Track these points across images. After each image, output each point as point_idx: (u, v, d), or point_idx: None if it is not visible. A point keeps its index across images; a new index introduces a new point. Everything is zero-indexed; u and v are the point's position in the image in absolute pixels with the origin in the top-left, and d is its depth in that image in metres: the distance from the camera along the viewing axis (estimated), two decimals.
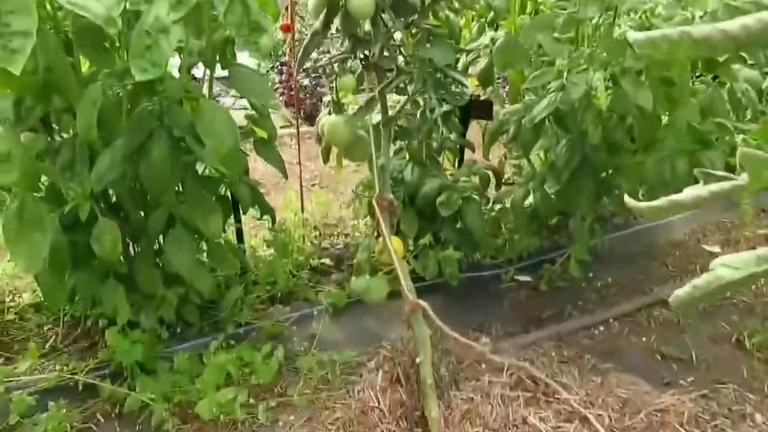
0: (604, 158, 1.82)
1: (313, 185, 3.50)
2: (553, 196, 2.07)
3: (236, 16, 1.16)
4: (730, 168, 1.72)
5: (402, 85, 1.76)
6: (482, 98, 2.37)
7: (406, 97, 1.77)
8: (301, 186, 2.49)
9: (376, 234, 1.85)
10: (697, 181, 0.73)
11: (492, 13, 2.32)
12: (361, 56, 1.74)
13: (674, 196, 0.73)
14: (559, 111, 1.75)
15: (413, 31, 1.73)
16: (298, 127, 2.64)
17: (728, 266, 0.70)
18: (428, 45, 1.70)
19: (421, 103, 1.86)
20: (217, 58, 1.51)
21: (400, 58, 1.73)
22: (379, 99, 1.71)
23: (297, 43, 4.73)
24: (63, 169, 1.50)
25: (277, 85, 4.89)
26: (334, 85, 1.81)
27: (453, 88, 1.73)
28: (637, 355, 1.87)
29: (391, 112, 1.72)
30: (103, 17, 1.06)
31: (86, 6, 1.06)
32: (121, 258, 1.72)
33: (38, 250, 1.27)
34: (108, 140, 1.43)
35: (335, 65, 1.79)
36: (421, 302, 1.57)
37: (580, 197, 2.03)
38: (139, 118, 1.34)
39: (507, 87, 2.63)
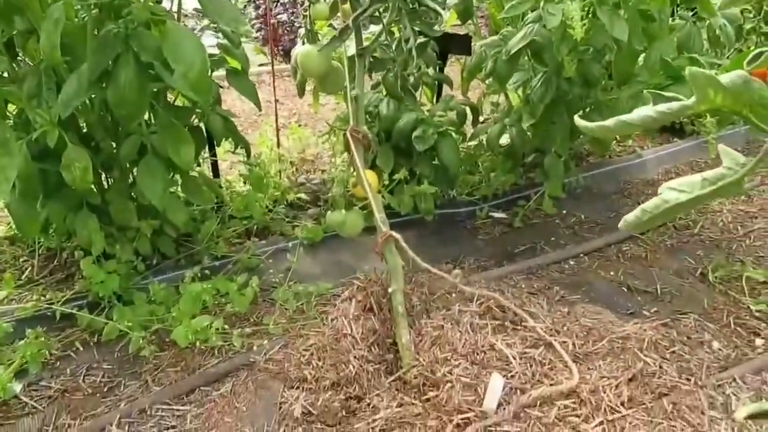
0: (579, 93, 1.82)
1: (291, 122, 3.46)
2: (528, 133, 2.08)
3: None
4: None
5: (376, 14, 1.72)
6: (461, 33, 2.33)
7: (380, 27, 1.74)
8: (276, 122, 2.47)
9: (351, 168, 1.86)
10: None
11: None
12: None
13: (623, 116, 0.73)
14: (535, 43, 1.73)
15: None
16: (273, 64, 2.59)
17: (675, 189, 0.72)
18: None
19: (397, 33, 1.83)
20: None
21: None
22: (353, 28, 1.68)
23: None
24: (30, 96, 1.47)
25: (254, 21, 4.75)
26: (307, 13, 1.77)
27: (429, 18, 1.70)
28: (605, 287, 1.93)
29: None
30: None
31: None
32: (94, 188, 1.71)
33: (6, 175, 1.26)
34: (74, 65, 1.40)
35: None
36: (394, 233, 1.60)
37: (555, 133, 2.04)
38: (104, 42, 1.30)
39: (488, 22, 2.59)
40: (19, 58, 1.57)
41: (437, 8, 1.63)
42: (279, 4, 4.56)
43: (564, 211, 2.43)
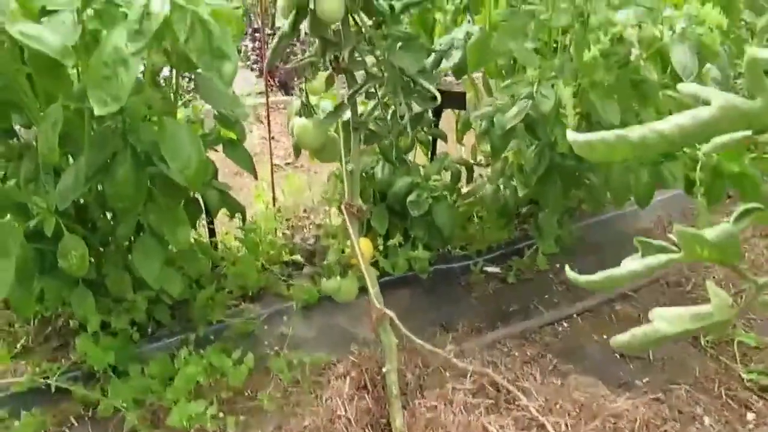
0: (573, 164, 1.84)
1: (287, 164, 3.48)
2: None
3: (198, 42, 1.13)
4: (690, 182, 1.76)
5: (372, 89, 1.74)
6: (455, 89, 2.35)
7: (375, 101, 1.76)
8: (272, 173, 2.48)
9: (345, 237, 1.87)
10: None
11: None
12: (331, 58, 1.71)
13: (611, 272, 0.74)
14: (529, 117, 1.75)
15: (384, 34, 1.70)
16: (267, 103, 2.62)
17: (665, 320, 0.74)
18: (399, 47, 1.68)
19: (391, 105, 1.85)
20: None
21: (370, 60, 1.71)
22: (349, 103, 1.70)
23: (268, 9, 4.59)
24: (27, 180, 1.48)
25: (250, 53, 4.78)
26: (303, 87, 1.79)
27: (423, 94, 1.72)
28: (598, 353, 1.95)
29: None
30: (59, 50, 1.03)
31: (41, 38, 1.03)
32: (91, 261, 1.72)
33: (4, 277, 1.26)
34: (72, 154, 1.41)
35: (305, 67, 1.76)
36: (387, 311, 1.61)
37: (548, 198, 2.06)
38: (102, 138, 1.32)
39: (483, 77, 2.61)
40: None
41: (431, 89, 1.65)
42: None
43: (557, 265, 2.44)
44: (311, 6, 1.56)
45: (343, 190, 1.77)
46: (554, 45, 1.76)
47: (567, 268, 0.84)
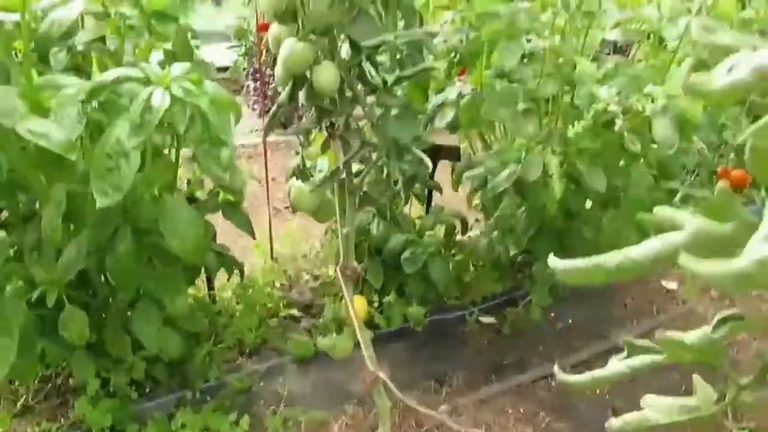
0: (563, 225, 1.89)
1: (287, 207, 3.53)
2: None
3: (197, 132, 1.18)
4: None
5: (366, 154, 1.80)
6: (450, 145, 2.41)
7: (370, 165, 1.82)
8: (270, 225, 2.53)
9: (341, 296, 1.91)
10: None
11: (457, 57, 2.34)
12: (327, 125, 1.77)
13: (597, 373, 0.78)
14: (519, 179, 1.80)
15: (378, 102, 1.76)
16: (265, 148, 2.68)
17: (656, 410, 0.77)
18: (393, 115, 1.74)
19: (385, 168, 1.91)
20: None
21: (365, 126, 1.77)
22: (344, 169, 1.75)
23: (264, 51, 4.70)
24: (30, 249, 1.53)
25: (252, 93, 4.87)
26: (300, 152, 1.84)
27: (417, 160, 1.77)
28: (591, 410, 1.97)
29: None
30: (64, 146, 1.08)
31: (46, 134, 1.08)
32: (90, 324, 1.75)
33: (5, 355, 1.30)
34: (75, 226, 1.46)
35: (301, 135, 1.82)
36: (381, 374, 1.64)
37: (541, 252, 2.10)
38: (103, 215, 1.36)
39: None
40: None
41: (424, 157, 1.71)
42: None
43: (552, 315, 2.48)
44: (308, 76, 1.64)
45: (339, 248, 1.81)
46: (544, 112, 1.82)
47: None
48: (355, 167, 1.81)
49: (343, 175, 1.77)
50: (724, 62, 0.62)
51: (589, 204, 2.05)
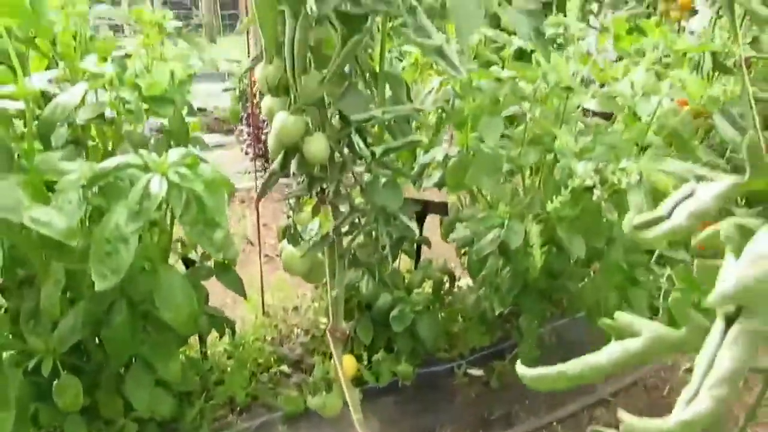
0: (546, 285, 1.95)
1: (277, 255, 3.57)
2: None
3: (192, 215, 1.24)
4: (654, 310, 1.86)
5: (355, 220, 1.86)
6: (438, 201, 2.48)
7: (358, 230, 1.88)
8: (261, 281, 2.58)
9: (330, 354, 1.95)
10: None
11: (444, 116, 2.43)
12: (317, 191, 1.84)
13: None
14: (503, 244, 1.86)
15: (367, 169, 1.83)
16: (258, 212, 2.73)
17: None
18: (382, 184, 1.81)
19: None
20: None
21: (354, 193, 1.84)
22: (334, 234, 1.81)
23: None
24: (27, 317, 1.57)
25: (245, 137, 4.95)
26: (291, 217, 1.90)
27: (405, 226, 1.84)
28: None
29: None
30: (65, 233, 1.14)
31: (49, 223, 1.14)
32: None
33: (2, 428, 1.33)
34: (72, 298, 1.50)
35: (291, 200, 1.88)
36: None
37: (526, 308, 2.16)
38: (101, 291, 1.41)
39: None
40: None
41: (410, 224, 1.77)
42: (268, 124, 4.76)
43: (539, 366, 2.51)
44: (300, 145, 1.71)
45: (329, 307, 1.87)
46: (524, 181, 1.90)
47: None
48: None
49: (333, 240, 1.84)
50: (666, 203, 0.69)
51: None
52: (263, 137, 5.02)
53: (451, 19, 1.63)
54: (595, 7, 4.55)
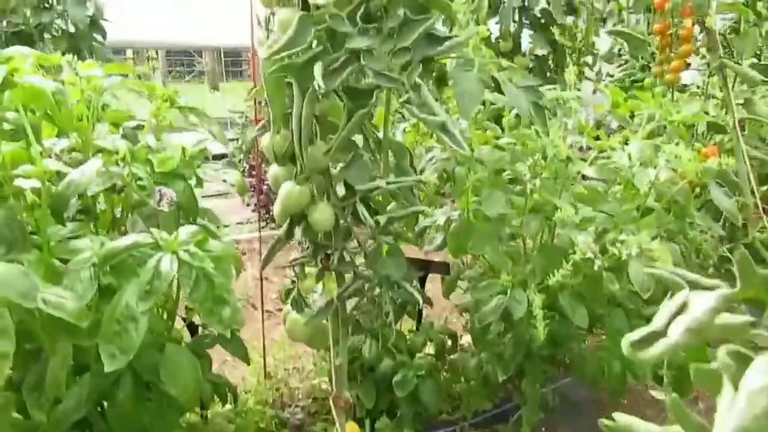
0: (549, 353, 1.95)
1: (278, 309, 3.57)
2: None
3: (201, 293, 1.26)
4: (658, 378, 1.87)
5: (359, 286, 1.88)
6: (439, 261, 2.51)
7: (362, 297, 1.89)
8: (264, 344, 2.58)
9: (333, 421, 1.94)
10: None
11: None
12: (322, 258, 1.86)
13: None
14: (506, 311, 1.88)
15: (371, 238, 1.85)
16: (262, 283, 2.75)
17: None
18: (386, 252, 1.83)
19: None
20: None
21: (358, 260, 1.86)
22: (338, 301, 1.83)
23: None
24: (30, 389, 1.56)
25: (248, 188, 5.01)
26: (295, 284, 1.92)
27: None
28: None
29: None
30: (76, 314, 1.15)
31: (61, 305, 1.15)
32: None
33: None
34: (77, 371, 1.50)
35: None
36: None
37: (529, 372, 2.15)
38: None
39: None
40: None
41: (415, 293, 1.79)
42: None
43: (543, 429, 2.50)
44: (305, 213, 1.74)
45: (332, 373, 1.87)
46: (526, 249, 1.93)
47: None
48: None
49: (337, 306, 1.86)
50: (659, 316, 0.71)
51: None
52: (265, 188, 5.08)
53: (453, 94, 1.70)
54: (590, 59, 4.68)
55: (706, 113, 2.00)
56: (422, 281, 2.60)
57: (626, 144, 1.90)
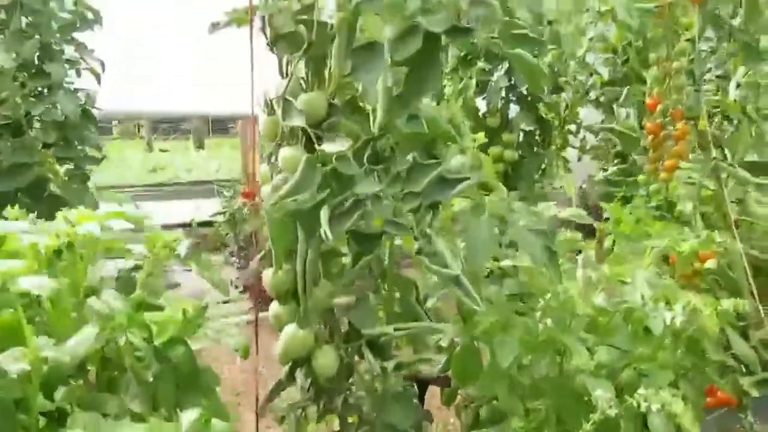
0: None
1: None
2: None
3: None
4: None
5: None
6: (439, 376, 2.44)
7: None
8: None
9: None
10: None
11: None
12: (325, 402, 1.78)
13: None
14: None
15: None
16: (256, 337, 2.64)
17: None
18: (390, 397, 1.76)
19: None
20: None
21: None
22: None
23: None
24: None
25: (236, 267, 4.94)
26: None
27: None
28: None
29: None
30: None
31: None
32: None
33: None
34: None
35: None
36: None
37: None
38: None
39: None
40: None
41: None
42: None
43: None
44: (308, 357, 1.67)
45: None
46: None
47: None
48: None
49: None
50: None
51: None
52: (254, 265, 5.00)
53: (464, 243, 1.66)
54: (573, 127, 4.72)
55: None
56: (421, 396, 2.51)
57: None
